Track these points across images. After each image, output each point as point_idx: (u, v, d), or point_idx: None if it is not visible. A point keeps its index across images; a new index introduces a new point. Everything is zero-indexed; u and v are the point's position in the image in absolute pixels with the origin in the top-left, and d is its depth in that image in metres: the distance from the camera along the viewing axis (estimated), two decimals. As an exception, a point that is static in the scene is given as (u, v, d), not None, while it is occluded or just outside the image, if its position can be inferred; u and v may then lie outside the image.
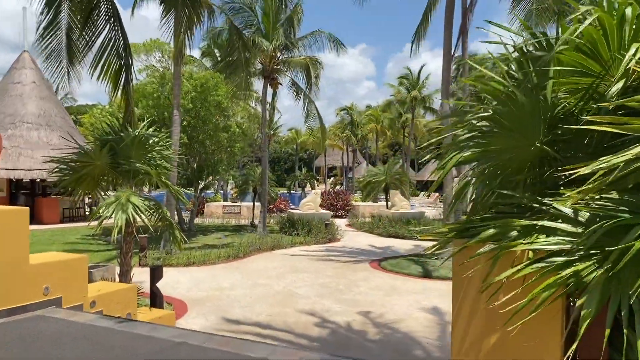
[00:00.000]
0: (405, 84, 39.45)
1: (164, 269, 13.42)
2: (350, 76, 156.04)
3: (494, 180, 3.16)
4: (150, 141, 8.14)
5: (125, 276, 8.13)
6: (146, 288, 8.86)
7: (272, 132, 55.82)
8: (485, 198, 3.20)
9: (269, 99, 22.83)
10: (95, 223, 7.42)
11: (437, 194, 44.01)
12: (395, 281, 11.97)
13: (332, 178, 65.85)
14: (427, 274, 12.62)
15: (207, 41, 21.41)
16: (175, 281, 11.76)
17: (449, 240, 3.29)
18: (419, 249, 17.43)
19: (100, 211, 7.13)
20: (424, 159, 29.01)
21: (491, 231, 2.99)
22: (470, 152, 3.10)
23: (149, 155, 8.06)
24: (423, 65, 56.56)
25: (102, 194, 8.15)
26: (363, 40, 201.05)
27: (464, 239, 3.15)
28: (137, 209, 7.36)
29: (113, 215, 7.06)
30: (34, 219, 24.98)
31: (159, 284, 8.81)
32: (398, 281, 11.99)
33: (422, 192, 46.24)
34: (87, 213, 26.53)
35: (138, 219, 7.54)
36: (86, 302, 6.16)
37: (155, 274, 8.84)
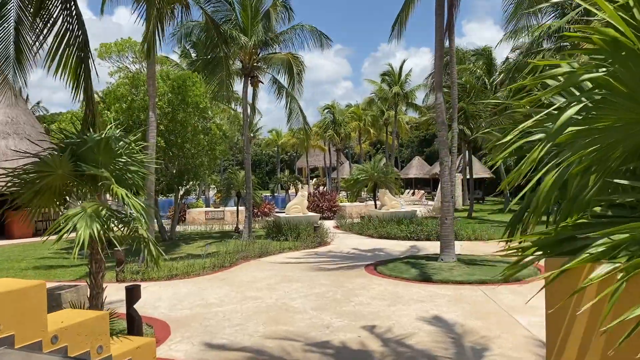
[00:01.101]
0: (387, 80, 38.72)
1: (144, 284, 12.36)
2: (327, 77, 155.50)
3: (600, 168, 2.23)
4: (120, 144, 7.09)
5: (96, 300, 7.07)
6: (126, 308, 7.83)
7: (252, 134, 54.75)
8: (588, 195, 2.27)
9: (249, 99, 21.81)
10: (55, 237, 6.35)
11: (422, 192, 43.45)
12: (396, 287, 11.07)
13: (314, 179, 64.91)
14: (430, 278, 11.75)
15: (181, 38, 20.17)
16: (157, 298, 10.70)
17: (538, 258, 2.37)
18: (413, 250, 16.59)
19: (62, 223, 6.07)
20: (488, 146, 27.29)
21: (602, 243, 2.07)
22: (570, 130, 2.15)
23: (119, 160, 7.02)
24: (404, 61, 56.00)
25: (62, 209, 7.08)
26: (338, 41, 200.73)
27: (560, 256, 2.23)
28: (104, 222, 6.33)
29: (77, 229, 6.02)
30: (4, 233, 23.56)
31: (137, 304, 7.79)
32: (399, 287, 11.09)
33: (407, 190, 45.56)
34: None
35: (110, 233, 6.52)
36: (46, 337, 5.10)
37: (132, 295, 7.81)
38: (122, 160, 7.11)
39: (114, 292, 9.61)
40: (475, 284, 11.35)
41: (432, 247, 17.08)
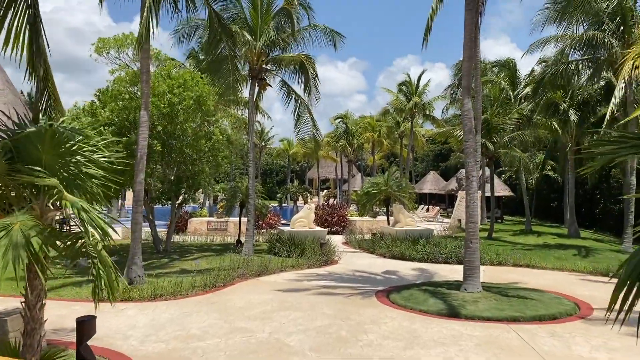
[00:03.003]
0: (404, 90, 37.10)
1: (122, 304, 10.79)
2: (340, 90, 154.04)
3: None
4: (74, 140, 5.55)
5: (31, 338, 5.49)
6: (76, 346, 6.26)
7: (263, 143, 53.40)
8: None
9: (258, 103, 20.28)
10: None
11: (437, 208, 41.57)
12: (413, 324, 9.37)
13: (325, 191, 63.25)
14: (452, 312, 10.04)
15: (184, 36, 18.77)
16: (130, 325, 9.11)
17: None
18: (430, 275, 14.88)
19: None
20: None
21: None
22: None
23: (71, 159, 5.48)
24: (423, 71, 54.35)
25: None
26: (352, 54, 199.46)
27: None
28: (38, 244, 4.78)
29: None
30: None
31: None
32: (417, 323, 9.39)
33: (421, 206, 43.72)
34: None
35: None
36: None
37: (84, 331, 6.23)
38: (76, 161, 5.57)
39: (79, 312, 7.90)
40: (506, 321, 9.63)
41: (451, 271, 15.38)
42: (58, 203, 5.68)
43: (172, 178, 18.66)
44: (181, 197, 19.98)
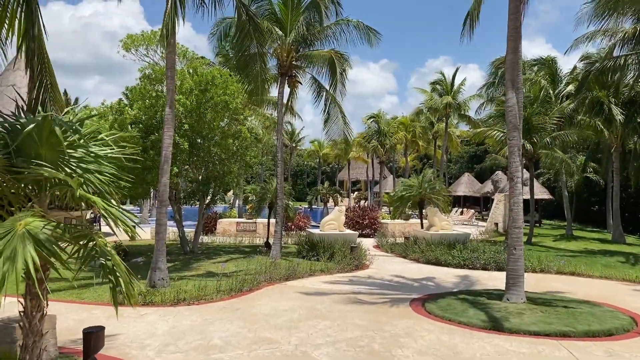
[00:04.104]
0: (438, 89, 35.96)
1: (143, 309, 10.32)
2: (371, 91, 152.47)
3: None
4: (77, 133, 5.02)
5: (30, 353, 4.97)
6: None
7: (294, 144, 52.93)
8: None
9: (287, 101, 19.71)
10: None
11: (472, 211, 40.28)
12: (452, 337, 8.57)
13: (355, 192, 62.40)
14: (495, 325, 9.19)
15: (221, 37, 18.44)
16: (149, 332, 8.59)
17: None
18: (468, 282, 14.00)
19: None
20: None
21: None
22: None
23: (73, 154, 4.94)
24: (457, 69, 52.75)
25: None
26: (384, 55, 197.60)
27: None
28: (46, 246, 4.26)
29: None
30: None
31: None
32: (456, 337, 8.59)
33: (455, 209, 42.48)
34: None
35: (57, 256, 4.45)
36: None
37: (92, 343, 5.70)
38: (78, 155, 5.03)
39: (104, 320, 7.34)
40: (555, 337, 8.74)
41: (490, 278, 14.47)
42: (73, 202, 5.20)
43: (200, 178, 18.25)
44: (209, 198, 19.57)
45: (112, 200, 5.46)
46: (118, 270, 4.97)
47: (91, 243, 4.94)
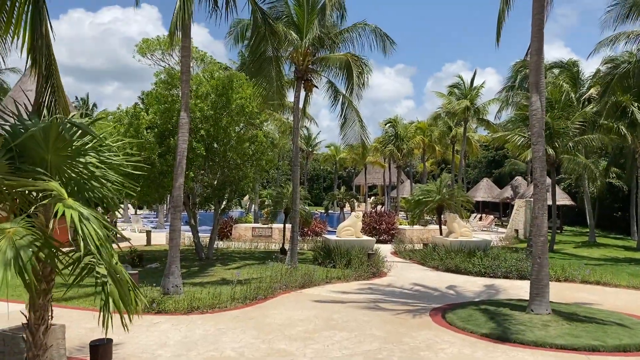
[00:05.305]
0: (456, 93, 35.43)
1: (157, 317, 10.12)
2: (387, 96, 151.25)
3: None
4: (85, 138, 4.80)
5: (33, 367, 4.76)
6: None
7: (310, 149, 52.67)
8: None
9: (303, 104, 19.47)
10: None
11: (491, 217, 39.58)
12: (474, 351, 8.20)
13: (372, 197, 61.90)
14: (519, 338, 8.75)
15: (237, 38, 18.28)
16: (161, 342, 8.37)
17: None
18: (490, 292, 13.57)
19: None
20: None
21: None
22: None
23: (79, 160, 4.73)
24: (475, 72, 51.97)
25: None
26: (400, 60, 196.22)
27: None
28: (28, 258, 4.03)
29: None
30: None
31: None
32: (478, 351, 8.22)
33: (474, 214, 41.76)
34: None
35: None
36: None
37: (99, 356, 5.48)
38: (84, 161, 4.81)
39: (115, 329, 7.17)
40: (584, 351, 8.31)
41: (512, 287, 14.02)
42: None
43: (215, 183, 18.09)
44: (224, 203, 19.38)
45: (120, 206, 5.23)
46: (116, 284, 4.73)
47: (87, 257, 4.68)
